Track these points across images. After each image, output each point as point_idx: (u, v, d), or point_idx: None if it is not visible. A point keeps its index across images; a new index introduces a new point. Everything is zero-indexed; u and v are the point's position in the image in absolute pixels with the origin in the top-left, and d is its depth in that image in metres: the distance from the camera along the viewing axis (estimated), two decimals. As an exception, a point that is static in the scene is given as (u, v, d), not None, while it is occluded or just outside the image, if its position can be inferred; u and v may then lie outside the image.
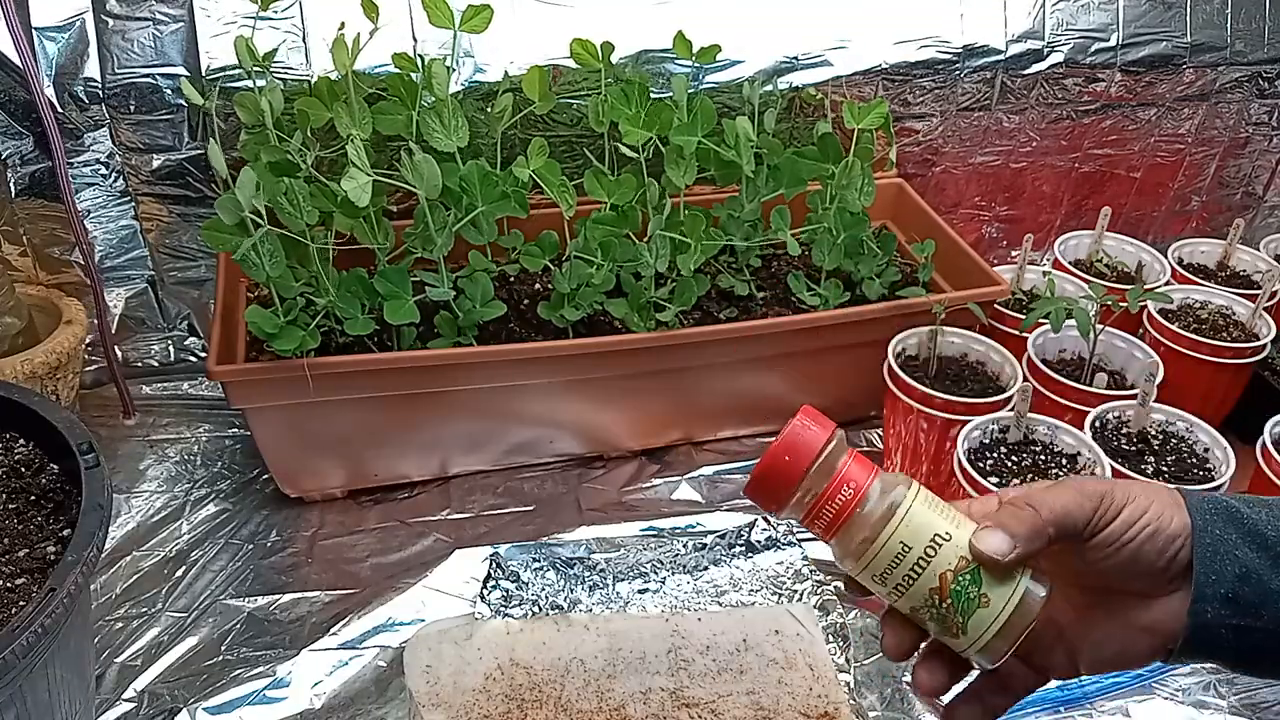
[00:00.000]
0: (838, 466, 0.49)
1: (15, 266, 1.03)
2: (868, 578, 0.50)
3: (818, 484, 0.49)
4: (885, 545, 0.48)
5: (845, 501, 0.49)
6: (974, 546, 0.48)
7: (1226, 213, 1.45)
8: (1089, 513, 0.48)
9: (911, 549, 0.48)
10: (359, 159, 0.81)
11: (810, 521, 0.50)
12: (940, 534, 0.48)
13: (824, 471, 0.49)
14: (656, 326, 0.94)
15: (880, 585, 0.49)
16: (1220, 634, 0.48)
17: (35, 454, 0.70)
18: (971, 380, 0.98)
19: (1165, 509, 0.49)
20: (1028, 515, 0.48)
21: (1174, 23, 1.26)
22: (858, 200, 1.01)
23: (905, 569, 0.48)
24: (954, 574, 0.48)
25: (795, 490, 0.49)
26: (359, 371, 0.89)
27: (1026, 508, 0.48)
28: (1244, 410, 1.05)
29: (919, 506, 0.49)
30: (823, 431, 0.49)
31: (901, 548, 0.48)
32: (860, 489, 0.49)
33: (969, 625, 0.48)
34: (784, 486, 0.49)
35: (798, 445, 0.49)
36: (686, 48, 1.02)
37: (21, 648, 0.53)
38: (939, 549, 0.48)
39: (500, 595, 0.85)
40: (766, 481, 0.50)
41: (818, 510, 0.49)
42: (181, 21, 0.97)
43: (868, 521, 0.49)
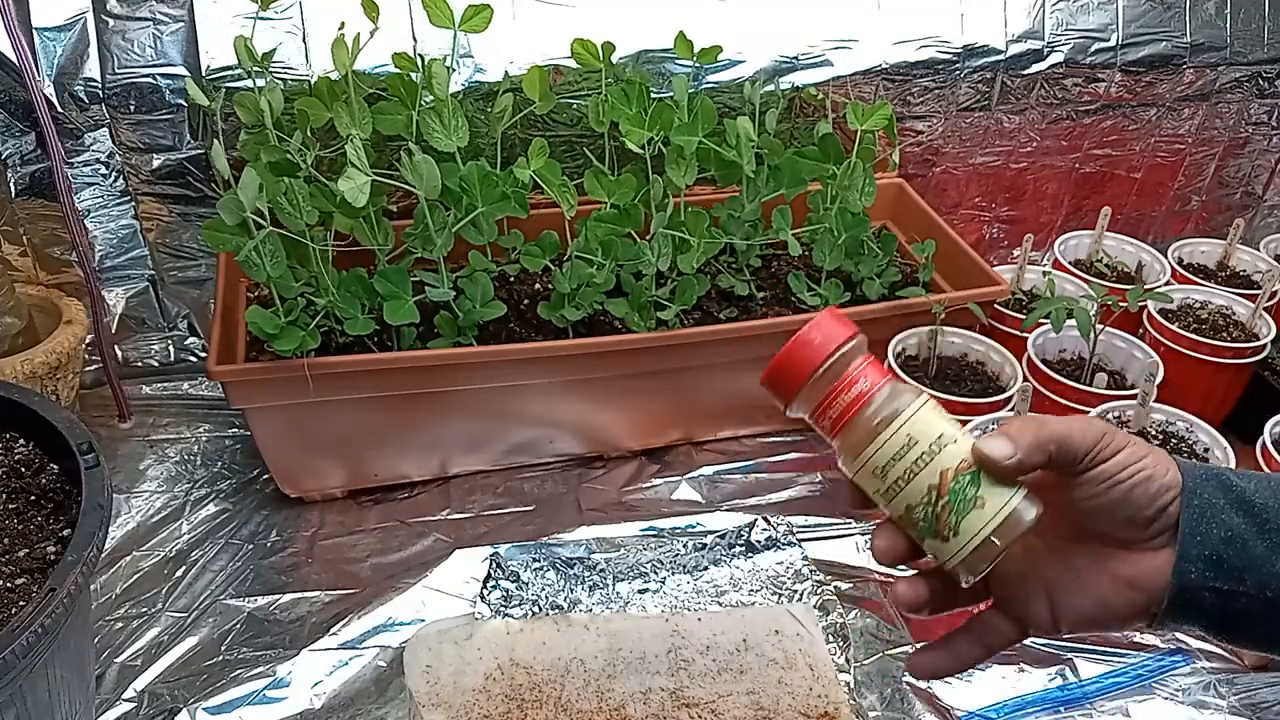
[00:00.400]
0: (851, 365, 0.50)
1: (15, 266, 1.03)
2: (868, 474, 0.50)
3: (829, 382, 0.50)
4: (891, 439, 0.49)
5: (855, 397, 0.50)
6: (978, 448, 0.49)
7: (1226, 213, 1.46)
8: (1090, 443, 0.49)
9: (916, 444, 0.49)
10: (358, 159, 0.81)
11: (819, 415, 0.51)
12: (946, 434, 0.50)
13: (836, 370, 0.50)
14: (657, 326, 0.94)
15: (879, 481, 0.50)
16: (1203, 596, 0.49)
17: (35, 454, 0.70)
18: (971, 380, 0.98)
19: (1160, 461, 0.50)
20: (1032, 427, 0.49)
21: (1174, 23, 1.26)
22: (859, 201, 1.01)
23: (907, 463, 0.49)
24: (955, 472, 0.49)
25: (806, 384, 0.50)
26: (359, 371, 0.89)
27: (1032, 422, 0.49)
28: (1244, 410, 1.05)
29: (927, 410, 0.50)
30: (842, 331, 0.50)
31: (907, 441, 0.49)
32: (872, 387, 0.50)
33: (961, 526, 0.49)
34: (797, 377, 0.51)
35: (813, 341, 0.50)
36: (687, 48, 1.03)
37: (21, 648, 0.53)
38: (943, 448, 0.49)
39: (500, 595, 0.85)
40: (780, 374, 0.51)
41: (826, 406, 0.51)
42: (181, 21, 0.98)
43: (874, 419, 0.50)
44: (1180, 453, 0.89)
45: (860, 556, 0.93)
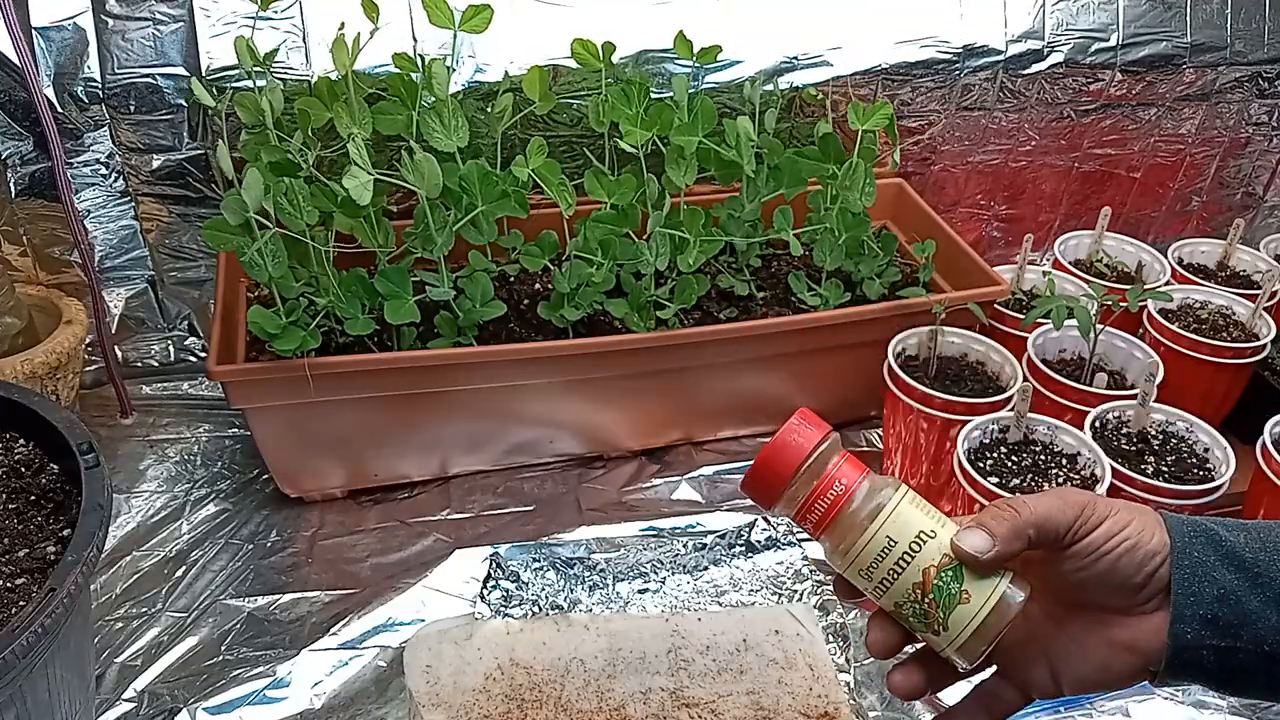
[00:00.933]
0: (828, 466, 0.52)
1: (15, 266, 1.03)
2: (855, 573, 0.52)
3: (808, 483, 0.51)
4: (871, 540, 0.50)
5: (834, 499, 0.51)
6: (955, 544, 0.50)
7: (1226, 213, 1.46)
8: (1070, 519, 0.49)
9: (896, 544, 0.50)
10: (360, 157, 0.81)
11: (801, 518, 0.52)
12: (925, 531, 0.50)
13: (814, 471, 0.51)
14: (656, 326, 0.94)
15: (866, 580, 0.51)
16: (1202, 655, 0.49)
17: (35, 454, 0.70)
18: (971, 380, 0.98)
19: (1146, 526, 0.50)
20: (1008, 515, 0.49)
21: (1174, 23, 1.26)
22: (859, 201, 1.01)
23: (890, 563, 0.50)
24: (937, 569, 0.50)
25: (787, 488, 0.51)
26: (359, 371, 0.89)
27: (1008, 509, 0.49)
28: (1244, 410, 1.05)
29: (905, 505, 0.51)
30: (816, 432, 0.52)
31: (887, 542, 0.50)
32: (849, 488, 0.51)
33: (950, 621, 0.50)
34: (776, 484, 0.51)
35: (790, 445, 0.51)
36: (687, 48, 1.03)
37: (21, 648, 0.53)
38: (923, 545, 0.50)
39: (500, 595, 0.85)
40: (760, 479, 0.52)
41: (808, 507, 0.52)
42: (181, 21, 0.98)
43: (855, 518, 0.51)
44: (1180, 453, 0.89)
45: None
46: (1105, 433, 0.91)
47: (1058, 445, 0.89)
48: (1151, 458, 0.89)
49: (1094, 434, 0.89)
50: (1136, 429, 0.91)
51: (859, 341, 1.00)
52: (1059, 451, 0.89)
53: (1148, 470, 0.86)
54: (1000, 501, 0.51)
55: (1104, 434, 0.91)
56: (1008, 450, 0.89)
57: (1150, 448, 0.90)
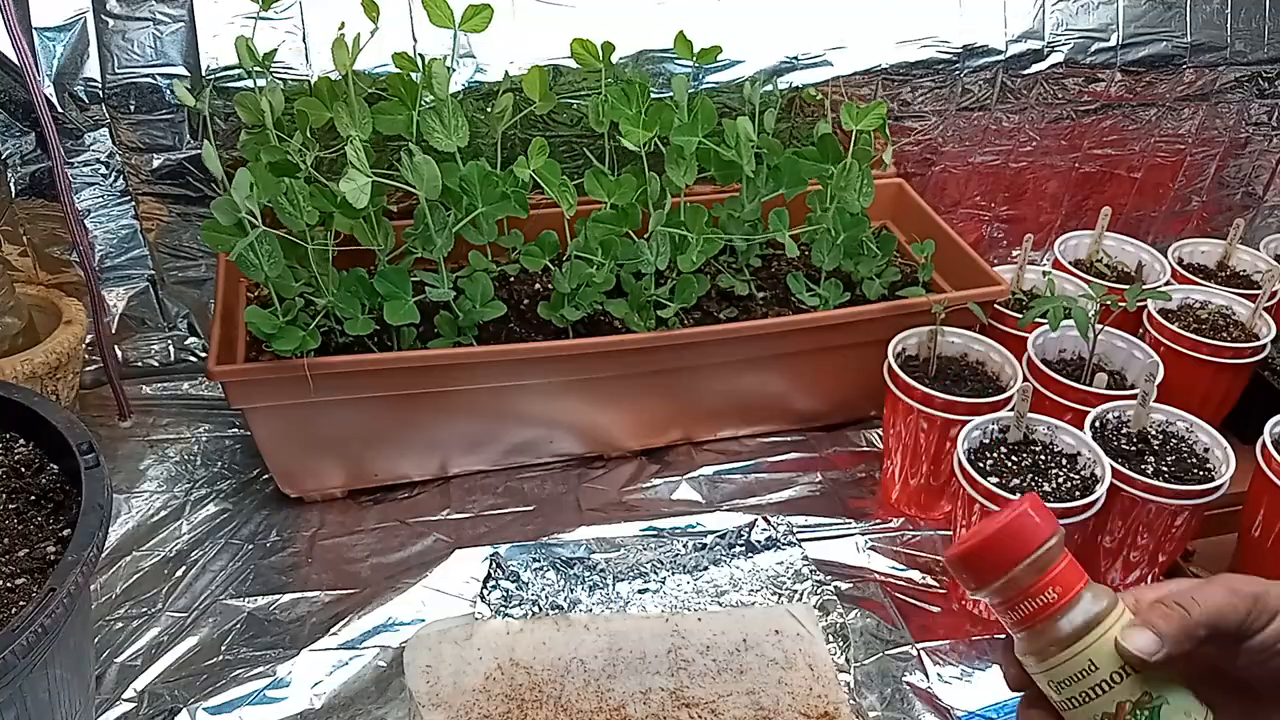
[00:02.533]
0: (1051, 565, 0.48)
1: (15, 266, 1.03)
2: (1044, 680, 0.49)
3: (1027, 578, 0.48)
4: (1074, 658, 0.48)
5: (1048, 603, 0.48)
6: (1120, 644, 0.47)
7: (1226, 213, 1.46)
8: (1241, 614, 0.46)
9: (1098, 670, 0.47)
10: (358, 160, 0.81)
11: (1005, 610, 0.49)
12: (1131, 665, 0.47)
13: (1037, 567, 0.48)
14: (657, 326, 0.94)
15: (1053, 691, 0.49)
16: None
17: (35, 454, 0.70)
18: (971, 380, 0.98)
19: None
20: (1177, 614, 0.46)
21: (1174, 23, 1.26)
22: (856, 200, 1.01)
23: (1085, 686, 0.47)
24: (1134, 705, 0.47)
25: (1002, 576, 0.48)
26: (359, 371, 0.89)
27: (1176, 607, 0.46)
28: (1244, 410, 1.05)
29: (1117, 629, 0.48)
30: (1046, 527, 0.49)
31: (1089, 666, 0.47)
32: (1067, 595, 0.48)
33: None
34: (994, 570, 0.48)
35: (1020, 533, 0.48)
36: (687, 48, 1.03)
37: (21, 648, 0.53)
38: (1124, 678, 0.47)
39: (500, 595, 0.85)
40: (978, 559, 0.49)
41: (1017, 603, 0.49)
42: (181, 21, 0.98)
43: (1064, 629, 0.48)
44: (1180, 453, 0.89)
45: (860, 556, 0.93)
46: (1105, 433, 0.91)
47: (1058, 445, 0.89)
48: (1151, 458, 0.89)
49: (1094, 434, 0.89)
50: (1136, 429, 0.91)
51: (859, 341, 1.00)
52: (1059, 451, 0.89)
53: (1148, 470, 0.86)
54: (1168, 597, 0.47)
55: (1104, 434, 0.91)
56: (1008, 450, 0.89)
57: (1150, 448, 0.90)
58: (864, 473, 1.05)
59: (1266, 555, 0.88)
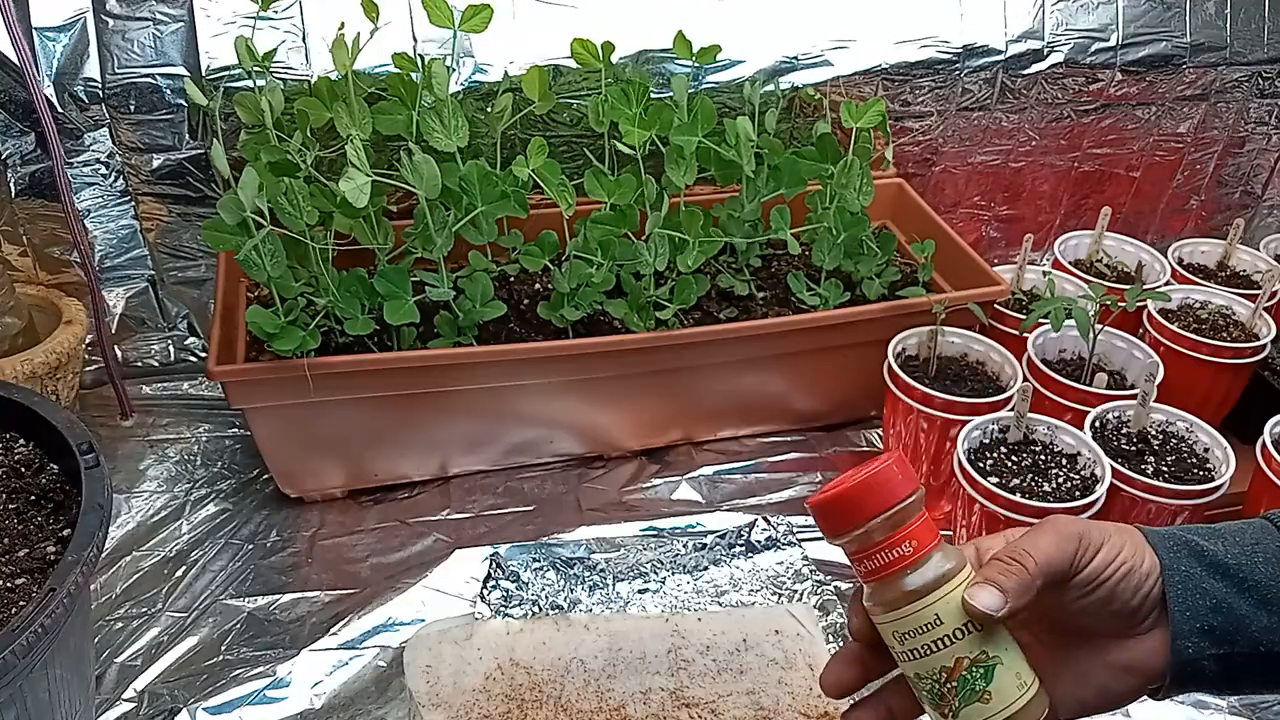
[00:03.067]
0: (908, 520, 0.49)
1: (15, 266, 1.03)
2: (888, 630, 0.50)
3: (882, 530, 0.49)
4: (920, 611, 0.49)
5: (900, 557, 0.49)
6: (966, 602, 0.48)
7: (1226, 212, 1.46)
8: (1070, 555, 0.49)
9: (942, 624, 0.49)
10: (358, 159, 0.81)
11: (860, 559, 0.50)
12: (974, 623, 0.49)
13: (893, 521, 0.49)
14: (656, 326, 0.94)
15: (895, 641, 0.50)
16: (1204, 665, 0.50)
17: (35, 454, 0.70)
18: (971, 380, 0.98)
19: (1137, 548, 0.50)
20: (1016, 569, 0.48)
21: (1174, 23, 1.26)
22: (856, 200, 1.01)
23: (927, 639, 0.49)
24: (971, 662, 0.49)
25: (859, 527, 0.49)
26: (359, 371, 0.89)
27: (1014, 562, 0.49)
28: (1244, 410, 1.05)
29: (963, 589, 0.49)
30: (907, 484, 0.50)
31: (935, 620, 0.49)
32: (920, 551, 0.49)
33: (961, 713, 0.49)
34: (851, 519, 0.49)
35: (882, 486, 0.49)
36: (686, 48, 1.03)
37: (21, 648, 0.53)
38: (966, 635, 0.49)
39: (500, 595, 0.85)
40: (837, 508, 0.50)
41: (873, 553, 0.50)
42: (181, 21, 0.98)
43: (914, 583, 0.49)
44: (1180, 452, 0.89)
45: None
46: (1105, 433, 0.91)
47: (1058, 445, 0.89)
48: (1151, 458, 0.89)
49: (1094, 434, 0.89)
50: (1136, 429, 0.91)
51: (859, 341, 1.00)
52: (1059, 451, 0.89)
53: (1148, 470, 0.86)
54: (1003, 553, 0.49)
55: (1104, 434, 0.91)
56: (1008, 450, 0.89)
57: (1150, 448, 0.90)
58: (864, 473, 1.04)
59: (1266, 555, 0.88)
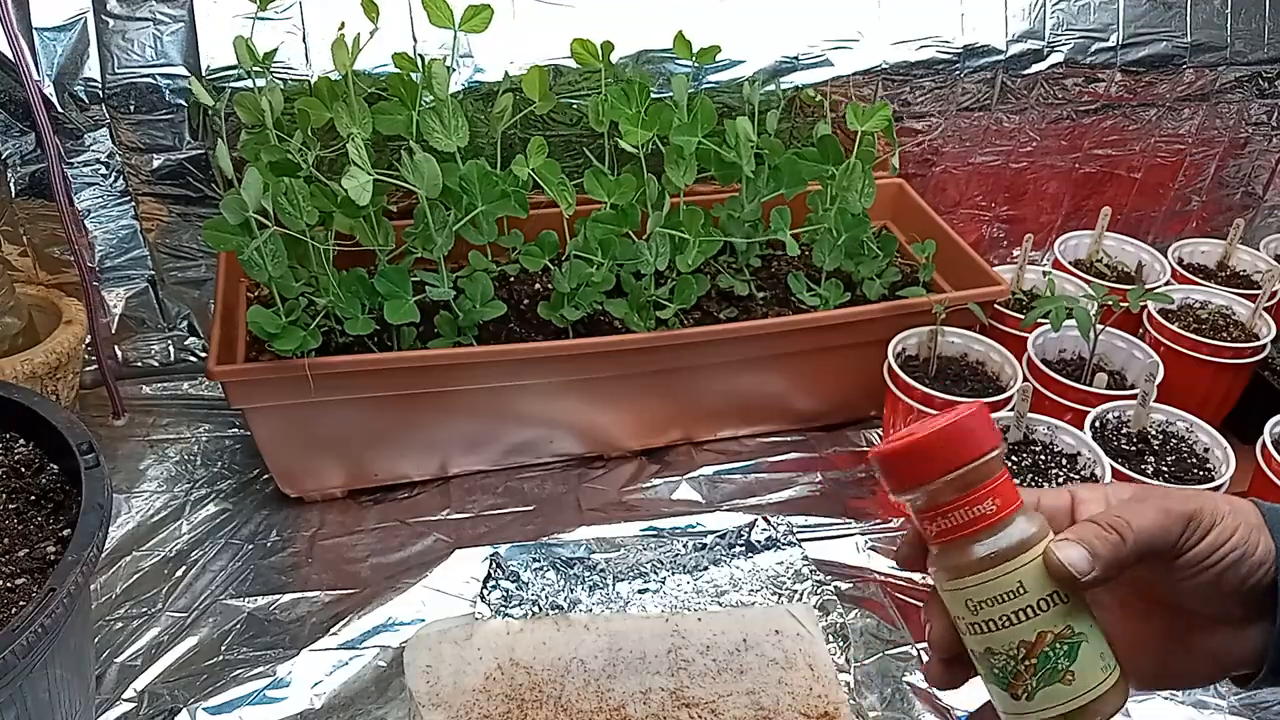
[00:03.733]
0: (992, 476, 0.44)
1: (15, 266, 1.03)
2: (960, 598, 0.45)
3: (959, 488, 0.44)
4: (1001, 578, 0.44)
5: (983, 515, 0.44)
6: (1050, 557, 0.44)
7: (1226, 213, 1.45)
8: (1175, 536, 0.45)
9: (1026, 593, 0.44)
10: (359, 158, 0.81)
11: (932, 518, 0.45)
12: (1061, 593, 0.44)
13: (979, 475, 0.44)
14: (656, 326, 0.94)
15: (966, 611, 0.45)
16: None
17: (35, 454, 0.70)
18: (971, 380, 0.98)
19: (1251, 532, 0.47)
20: (1112, 538, 0.45)
21: (1174, 23, 1.26)
22: (858, 201, 1.01)
23: (1006, 610, 0.44)
24: (1055, 637, 0.44)
25: (937, 480, 0.44)
26: (359, 371, 0.89)
27: (1112, 531, 0.45)
28: (1244, 410, 1.05)
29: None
30: (994, 435, 0.45)
31: (1017, 588, 0.44)
32: (1004, 511, 0.44)
33: (1039, 694, 0.44)
34: (928, 470, 0.44)
35: (967, 437, 0.43)
36: (686, 48, 1.03)
37: (21, 648, 0.53)
38: (1052, 606, 0.44)
39: (500, 595, 0.85)
40: (912, 457, 0.44)
41: (949, 510, 0.44)
42: (181, 21, 0.98)
43: (995, 546, 0.44)
44: (1180, 452, 0.89)
45: (860, 556, 0.93)
46: (1105, 433, 0.91)
47: (1058, 445, 0.89)
48: (1151, 458, 0.89)
49: (1094, 434, 0.89)
50: (1136, 429, 0.91)
51: (859, 341, 1.00)
52: (1059, 451, 0.89)
53: (1148, 470, 0.86)
54: (1104, 516, 0.46)
55: (1104, 434, 0.91)
56: (1008, 450, 0.89)
57: (1150, 448, 0.90)
58: (864, 473, 1.05)
59: (1266, 555, 0.88)
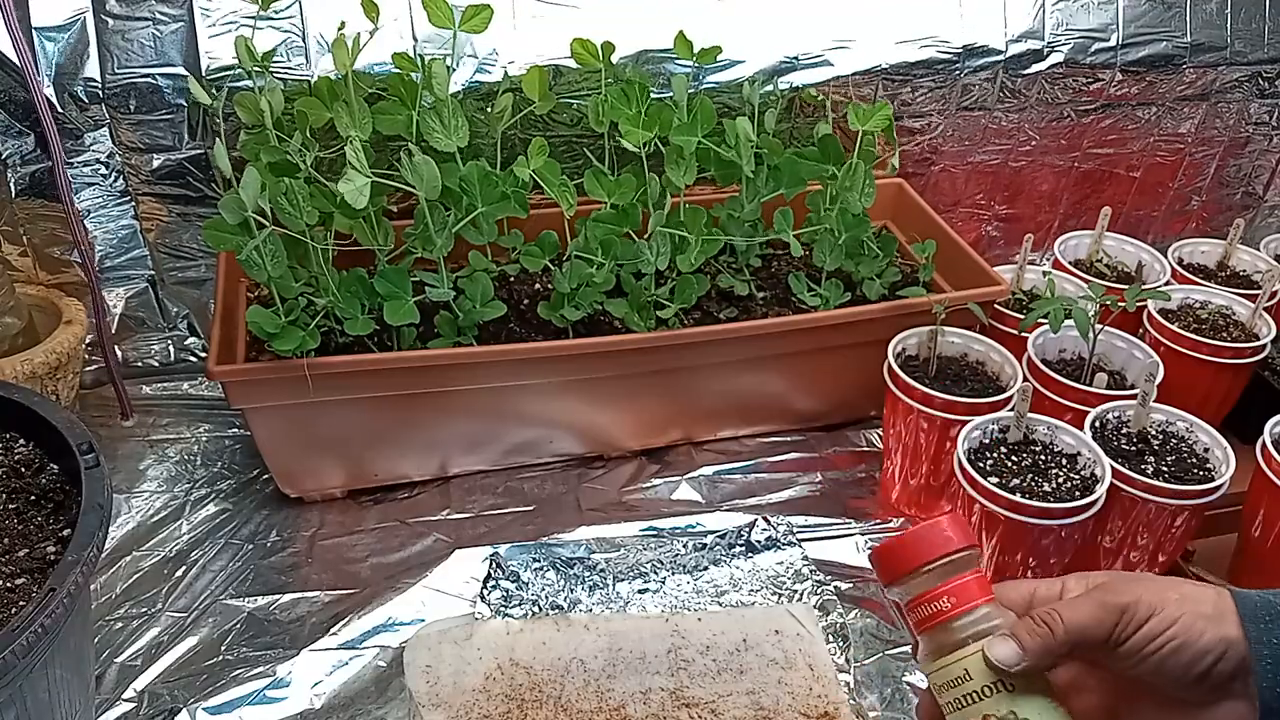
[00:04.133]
0: (953, 577, 0.52)
1: (15, 266, 1.03)
2: (931, 684, 0.53)
3: (929, 582, 0.52)
4: (951, 665, 0.51)
5: (939, 610, 0.52)
6: (985, 652, 0.50)
7: (1226, 212, 1.45)
8: (1108, 629, 0.48)
9: (971, 680, 0.51)
10: (357, 160, 0.81)
11: (908, 610, 0.53)
12: (1004, 682, 0.50)
13: (940, 574, 0.52)
14: (656, 326, 0.94)
15: (938, 694, 0.53)
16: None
17: (35, 454, 0.70)
18: (971, 380, 0.98)
19: (1196, 621, 0.48)
20: (1042, 632, 0.49)
21: (1174, 23, 1.26)
22: (859, 202, 1.01)
23: (958, 693, 0.51)
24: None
25: (910, 577, 0.52)
26: (359, 371, 0.89)
27: (1042, 625, 0.49)
28: (1244, 410, 1.05)
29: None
30: (958, 539, 0.52)
31: (964, 675, 0.51)
32: (957, 606, 0.52)
33: None
34: (901, 567, 0.53)
35: (928, 540, 0.52)
36: (687, 48, 1.03)
37: (21, 648, 0.53)
38: (995, 693, 0.50)
39: (500, 595, 0.85)
40: (891, 556, 0.53)
41: (918, 604, 0.53)
42: (181, 21, 0.97)
43: (951, 637, 0.52)
44: (1180, 453, 0.89)
45: (860, 556, 0.93)
46: (1105, 433, 0.91)
47: (1058, 445, 0.89)
48: (1151, 458, 0.89)
49: (1094, 434, 0.89)
50: (1136, 429, 0.91)
51: (859, 341, 1.00)
52: (1059, 451, 0.89)
53: (1148, 470, 0.86)
54: (1039, 612, 0.50)
55: (1104, 434, 0.91)
56: (1008, 450, 0.89)
57: (1150, 448, 0.90)
58: (864, 473, 1.05)
59: (1266, 555, 0.88)
